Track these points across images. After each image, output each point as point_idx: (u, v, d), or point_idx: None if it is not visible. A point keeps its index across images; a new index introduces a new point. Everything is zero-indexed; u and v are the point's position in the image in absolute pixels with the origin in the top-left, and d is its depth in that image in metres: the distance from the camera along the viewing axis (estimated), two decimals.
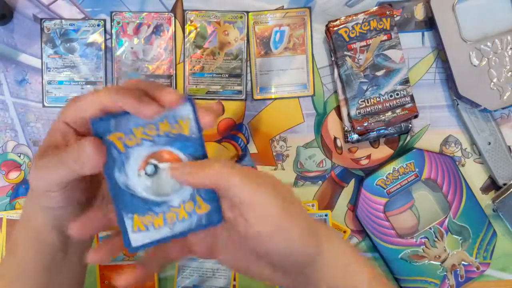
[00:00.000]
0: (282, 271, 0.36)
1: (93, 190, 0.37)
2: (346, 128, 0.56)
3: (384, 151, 0.59)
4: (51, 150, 0.31)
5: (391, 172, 0.56)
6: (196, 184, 0.31)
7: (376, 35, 0.55)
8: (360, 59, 0.55)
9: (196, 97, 0.58)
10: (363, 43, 0.55)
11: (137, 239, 0.31)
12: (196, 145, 0.31)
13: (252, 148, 0.58)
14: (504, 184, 0.57)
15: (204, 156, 0.32)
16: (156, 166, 0.30)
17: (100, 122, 0.30)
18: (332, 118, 0.58)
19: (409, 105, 0.54)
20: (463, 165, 0.59)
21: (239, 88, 0.58)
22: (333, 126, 0.58)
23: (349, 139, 0.56)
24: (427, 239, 0.56)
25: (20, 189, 0.58)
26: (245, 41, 0.58)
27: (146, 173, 0.30)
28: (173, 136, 0.31)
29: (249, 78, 0.58)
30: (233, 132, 0.58)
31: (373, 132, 0.55)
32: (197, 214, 0.32)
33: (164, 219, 0.31)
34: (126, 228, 0.31)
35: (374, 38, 0.55)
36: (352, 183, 0.59)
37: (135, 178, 0.30)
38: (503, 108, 0.55)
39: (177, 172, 0.31)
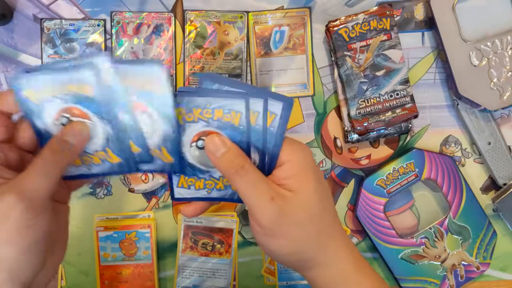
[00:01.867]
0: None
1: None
2: (346, 128, 0.56)
3: (384, 151, 0.59)
4: None
5: (391, 172, 0.56)
6: (213, 162, 0.35)
7: (376, 35, 0.55)
8: (360, 59, 0.55)
9: None
10: (363, 43, 0.55)
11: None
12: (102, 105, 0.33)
13: None
14: (504, 184, 0.57)
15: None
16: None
17: (14, 79, 0.32)
18: (332, 118, 0.58)
19: (409, 105, 0.54)
20: (463, 165, 0.59)
21: None
22: (333, 126, 0.58)
23: (349, 139, 0.56)
24: (427, 239, 0.56)
25: None
26: (245, 41, 0.58)
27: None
28: (74, 94, 0.33)
29: (249, 78, 0.58)
30: None
31: (373, 132, 0.55)
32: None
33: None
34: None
35: (374, 38, 0.54)
36: (352, 183, 0.59)
37: (53, 126, 0.34)
38: (503, 108, 0.55)
39: (210, 143, 0.34)
